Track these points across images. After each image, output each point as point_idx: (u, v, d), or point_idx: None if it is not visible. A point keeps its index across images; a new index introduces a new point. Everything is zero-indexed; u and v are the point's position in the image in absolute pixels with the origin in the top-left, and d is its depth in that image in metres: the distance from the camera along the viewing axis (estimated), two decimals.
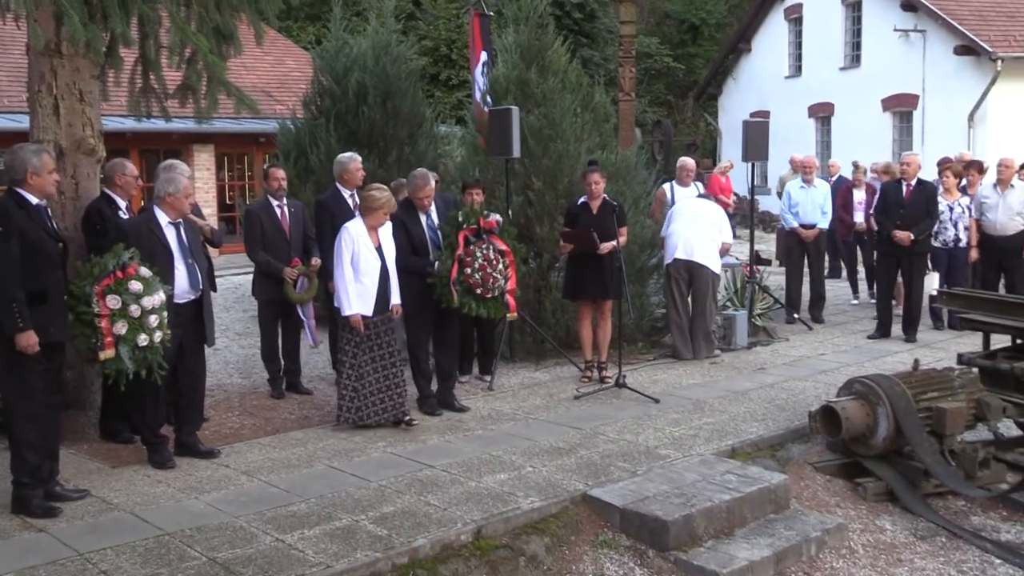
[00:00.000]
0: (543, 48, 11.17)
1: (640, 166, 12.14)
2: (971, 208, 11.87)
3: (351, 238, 7.41)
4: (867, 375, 7.51)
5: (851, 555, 6.27)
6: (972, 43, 20.66)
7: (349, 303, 7.39)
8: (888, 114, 23.57)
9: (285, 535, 5.61)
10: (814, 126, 26.23)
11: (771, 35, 28.40)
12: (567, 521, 6.11)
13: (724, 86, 30.72)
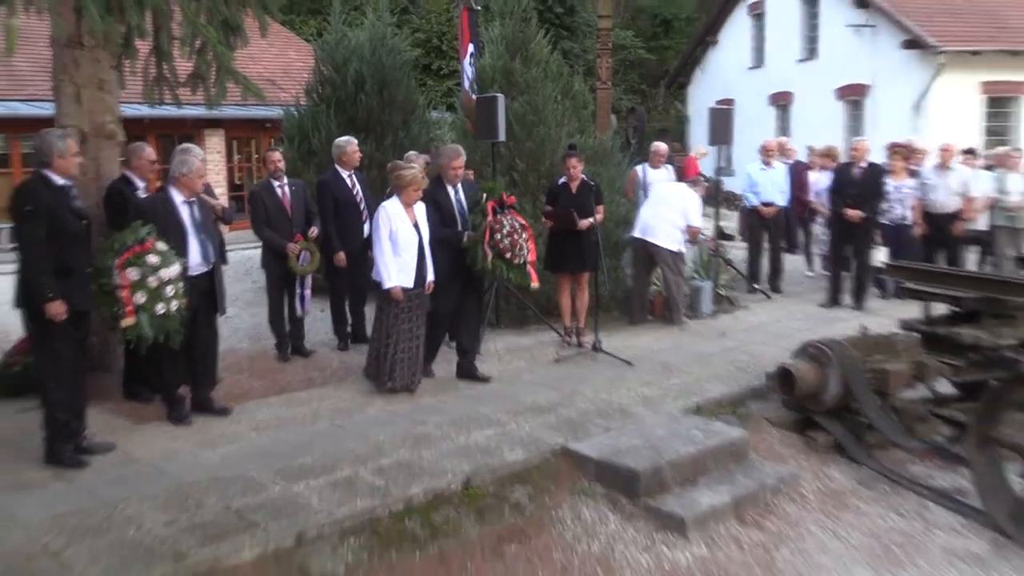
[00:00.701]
0: (526, 40, 11.19)
1: (615, 149, 12.18)
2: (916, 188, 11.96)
3: (388, 216, 7.28)
4: (819, 339, 7.56)
5: (803, 501, 6.36)
6: (918, 38, 20.64)
7: (389, 276, 7.27)
8: (841, 102, 23.55)
9: (292, 485, 5.67)
10: (774, 113, 26.18)
11: (735, 29, 28.31)
12: (548, 472, 6.17)
13: (693, 76, 30.61)
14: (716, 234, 12.27)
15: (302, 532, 5.10)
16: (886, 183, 11.63)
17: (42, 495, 5.53)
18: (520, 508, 5.81)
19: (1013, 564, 5.58)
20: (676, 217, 10.13)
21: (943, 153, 12.20)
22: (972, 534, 5.96)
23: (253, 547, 4.93)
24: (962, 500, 6.37)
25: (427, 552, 5.28)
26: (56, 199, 5.86)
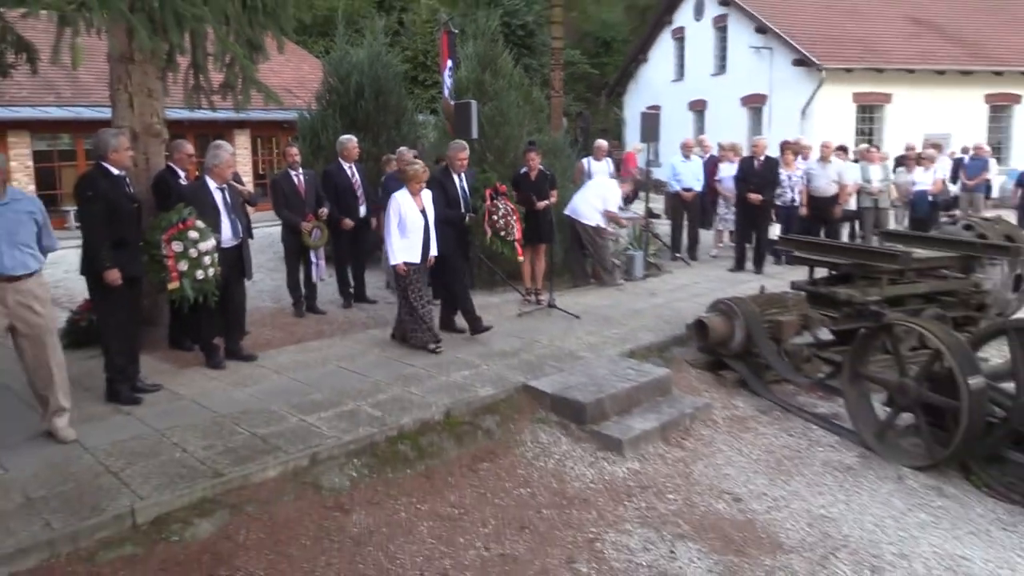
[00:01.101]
0: (495, 57, 11.05)
1: (566, 145, 12.10)
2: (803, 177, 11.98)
3: (398, 204, 7.02)
4: (727, 297, 7.58)
5: (714, 425, 6.39)
6: (805, 57, 20.62)
7: (394, 254, 7.04)
8: (745, 108, 23.53)
9: (307, 416, 5.61)
10: (692, 117, 26.12)
11: (662, 49, 28.14)
12: (512, 404, 6.15)
13: (628, 87, 30.45)
14: (646, 213, 12.22)
15: (315, 454, 5.05)
16: (780, 173, 11.64)
17: (104, 426, 5.44)
18: (490, 433, 5.79)
19: (876, 472, 5.65)
20: (597, 202, 10.00)
21: (823, 149, 12.21)
22: (845, 450, 6.03)
23: (276, 466, 4.88)
24: (838, 423, 6.43)
25: (416, 469, 5.26)
26: (112, 186, 5.74)
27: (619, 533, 4.71)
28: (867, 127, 21.73)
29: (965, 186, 14.97)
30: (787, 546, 4.65)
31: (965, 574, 4.40)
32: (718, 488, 5.35)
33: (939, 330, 5.79)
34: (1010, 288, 8.55)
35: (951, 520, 5.03)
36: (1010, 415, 5.34)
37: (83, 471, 4.75)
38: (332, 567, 4.19)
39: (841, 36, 21.70)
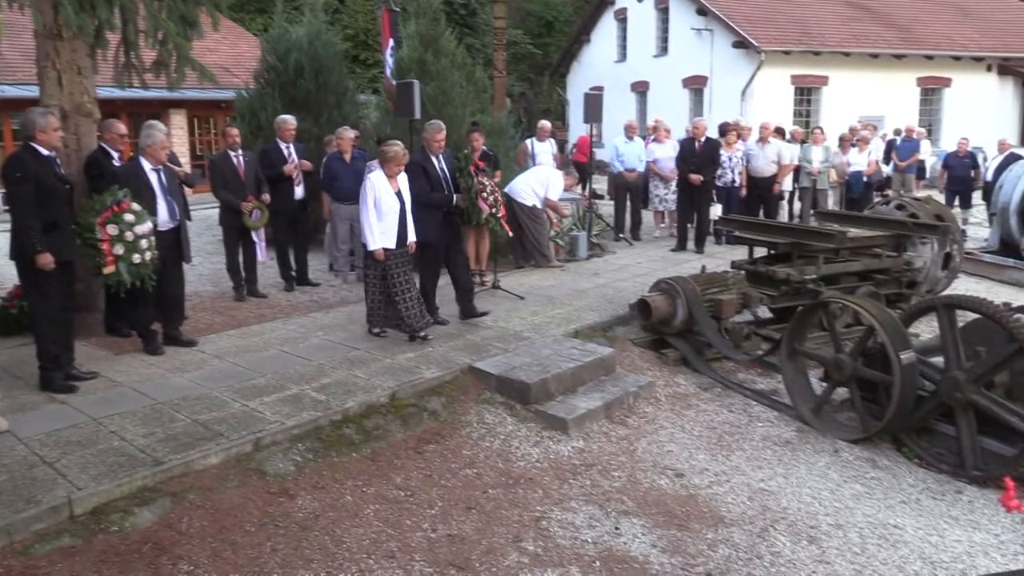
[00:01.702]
0: (437, 36, 10.97)
1: (509, 126, 12.05)
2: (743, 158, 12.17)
3: (372, 185, 6.66)
4: (669, 277, 7.67)
5: (657, 402, 6.49)
6: (744, 40, 20.90)
7: (373, 239, 6.67)
8: (686, 90, 23.76)
9: (249, 401, 5.54)
10: (635, 98, 26.28)
11: (604, 30, 28.20)
12: (458, 385, 6.16)
13: (570, 67, 30.46)
14: (590, 194, 12.30)
15: (259, 439, 4.99)
16: (720, 154, 11.80)
17: (38, 415, 5.28)
18: (436, 415, 5.79)
19: (813, 446, 5.81)
20: (537, 186, 9.95)
21: (762, 130, 12.42)
22: (783, 424, 6.18)
23: (218, 453, 4.81)
24: (776, 399, 6.59)
25: (362, 452, 5.24)
26: (42, 167, 5.57)
27: (564, 511, 4.77)
28: (805, 109, 22.15)
29: (897, 167, 15.38)
30: (728, 519, 4.76)
31: (897, 541, 4.57)
32: (661, 464, 5.44)
33: (872, 307, 5.96)
34: (940, 266, 8.84)
35: (884, 490, 5.20)
36: (939, 388, 5.53)
37: (16, 462, 4.61)
38: (277, 552, 4.16)
39: (779, 19, 22.05)
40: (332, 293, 9.03)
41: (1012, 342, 5.15)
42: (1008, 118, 23.31)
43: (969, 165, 14.39)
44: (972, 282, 10.60)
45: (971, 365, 5.41)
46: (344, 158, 9.20)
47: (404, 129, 9.99)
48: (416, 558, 4.20)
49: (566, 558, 4.27)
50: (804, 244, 7.81)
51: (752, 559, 4.34)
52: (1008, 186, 11.60)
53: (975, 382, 5.35)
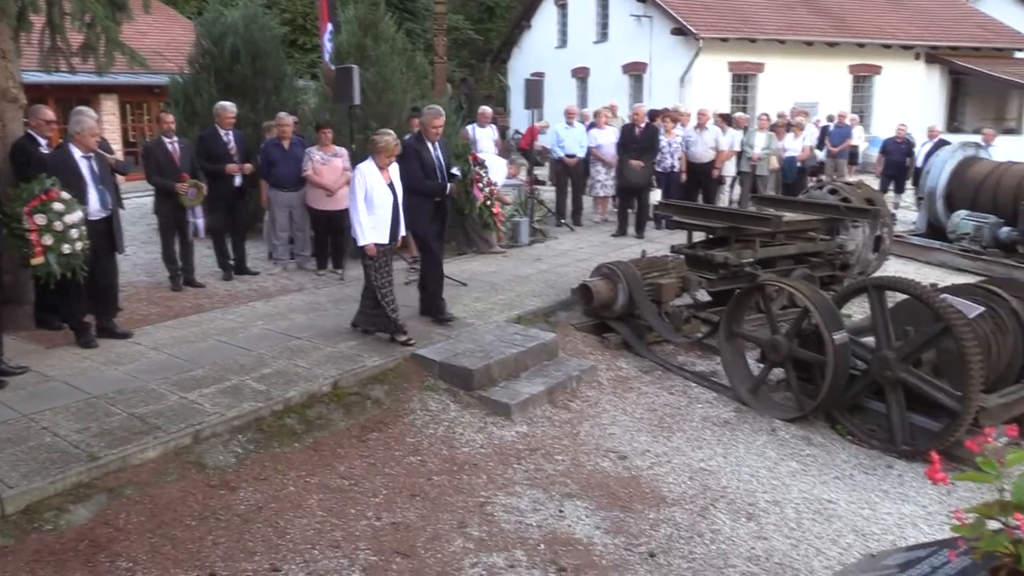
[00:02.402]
0: (376, 21, 10.84)
1: (451, 112, 11.98)
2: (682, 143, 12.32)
3: (363, 177, 6.32)
4: (610, 262, 7.75)
5: (599, 386, 6.56)
6: (682, 26, 21.11)
7: (363, 234, 6.33)
8: (626, 76, 23.91)
9: (187, 393, 5.44)
10: (575, 84, 26.36)
11: (545, 16, 28.18)
12: (401, 373, 6.14)
13: (511, 53, 30.39)
14: (531, 180, 12.32)
15: (198, 432, 4.91)
16: (660, 139, 11.93)
17: None
18: (379, 403, 5.76)
19: (751, 425, 5.95)
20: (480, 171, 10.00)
21: (700, 116, 12.59)
22: (722, 405, 6.31)
23: (156, 446, 4.72)
24: (715, 380, 6.72)
25: (304, 443, 5.19)
26: None
27: (509, 495, 4.80)
28: (742, 95, 22.49)
29: (830, 153, 15.74)
30: (670, 499, 4.84)
31: (831, 516, 4.71)
32: (604, 447, 5.51)
33: (807, 289, 6.11)
34: (871, 248, 9.10)
35: (818, 467, 5.36)
36: (870, 367, 5.71)
37: None
38: (219, 546, 4.10)
39: (717, 6, 22.30)
40: (272, 282, 8.90)
41: (938, 321, 5.33)
42: (935, 105, 24.03)
43: (905, 151, 14.81)
44: (901, 264, 10.95)
45: (900, 344, 5.59)
46: (283, 144, 9.04)
47: (344, 114, 9.89)
48: (361, 546, 4.19)
49: (511, 542, 4.30)
50: (741, 228, 7.96)
51: (693, 537, 4.43)
52: (935, 171, 11.98)
53: (904, 360, 5.54)
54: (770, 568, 4.16)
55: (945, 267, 10.89)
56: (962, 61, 23.84)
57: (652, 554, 4.24)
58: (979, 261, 10.64)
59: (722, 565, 4.17)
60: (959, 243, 11.12)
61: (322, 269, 9.27)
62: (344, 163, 9.03)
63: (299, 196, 9.08)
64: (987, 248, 10.83)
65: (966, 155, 12.08)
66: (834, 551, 4.34)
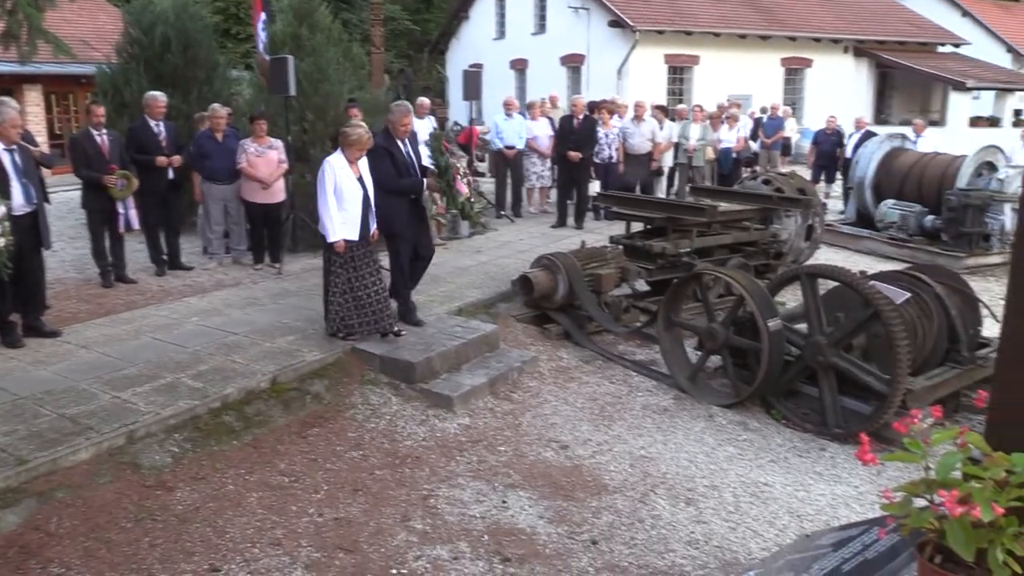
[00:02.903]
0: (311, 10, 10.68)
1: (388, 103, 11.89)
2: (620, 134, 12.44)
3: (332, 169, 6.04)
4: (550, 253, 7.78)
5: (541, 376, 6.60)
6: (619, 18, 21.31)
7: (333, 230, 6.04)
8: (564, 68, 24.04)
9: (120, 393, 5.30)
10: (514, 75, 26.40)
11: (483, 6, 28.12)
12: (341, 368, 6.08)
13: (450, 44, 30.29)
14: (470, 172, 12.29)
15: (132, 431, 4.79)
16: (598, 131, 12.02)
17: None
18: (319, 398, 5.70)
19: (689, 412, 6.05)
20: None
21: (638, 108, 12.72)
22: (662, 393, 6.40)
23: (88, 448, 4.59)
24: (654, 369, 6.81)
25: (243, 440, 5.11)
26: None
27: (452, 487, 4.80)
28: (678, 87, 22.83)
29: (764, 144, 16.09)
30: (611, 487, 4.91)
31: (767, 498, 4.83)
32: (546, 437, 5.55)
33: (742, 278, 6.24)
34: (803, 237, 9.33)
35: (755, 451, 5.48)
36: (803, 353, 5.86)
37: None
38: (156, 547, 4.01)
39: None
40: (207, 277, 8.71)
41: (867, 307, 5.50)
42: (863, 97, 24.74)
43: (835, 142, 15.21)
44: (832, 252, 11.25)
45: (831, 330, 5.75)
46: (216, 136, 8.85)
47: (279, 106, 9.72)
48: (303, 543, 4.14)
49: (455, 534, 4.31)
50: (678, 219, 8.08)
51: (634, 523, 4.49)
52: (863, 161, 12.33)
53: (835, 346, 5.70)
54: (709, 551, 4.25)
55: (874, 255, 11.23)
56: (889, 55, 24.59)
57: (594, 541, 4.30)
58: (905, 249, 11.00)
59: (663, 550, 4.24)
60: (886, 231, 11.48)
61: (259, 263, 9.12)
62: (280, 155, 8.89)
63: (234, 189, 8.90)
64: (913, 236, 11.20)
65: (893, 146, 12.46)
66: (771, 532, 4.45)
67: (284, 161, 8.95)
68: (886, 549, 2.69)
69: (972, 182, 10.96)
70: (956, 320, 5.98)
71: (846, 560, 2.72)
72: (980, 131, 22.46)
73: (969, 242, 10.54)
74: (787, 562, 3.07)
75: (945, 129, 21.98)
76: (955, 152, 12.15)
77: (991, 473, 2.10)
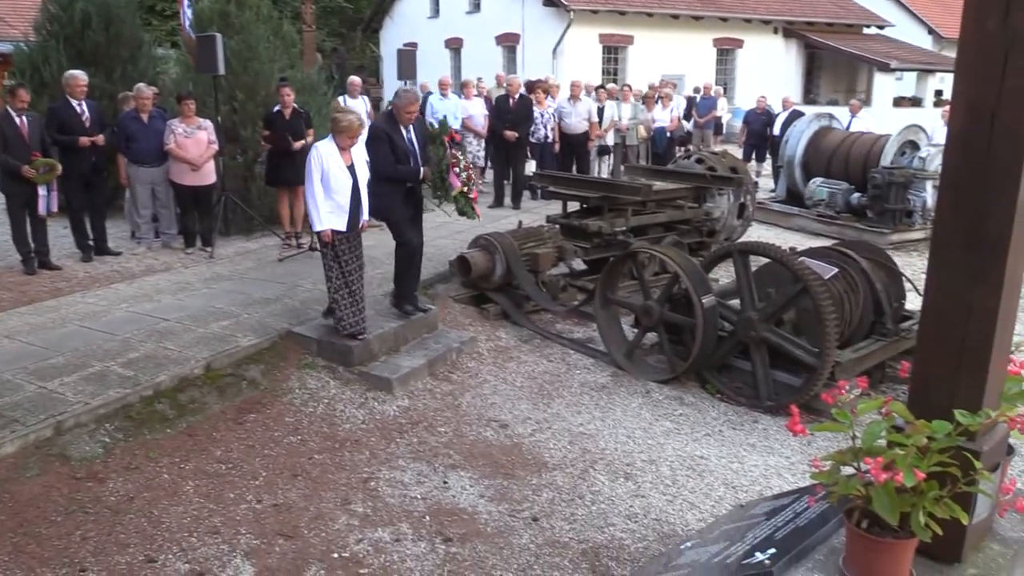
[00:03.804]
0: None
1: (321, 83, 11.70)
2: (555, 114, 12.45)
3: (319, 157, 5.77)
4: (487, 233, 7.78)
5: (480, 357, 6.61)
6: None
7: (320, 219, 5.79)
8: (500, 47, 23.92)
9: (47, 383, 5.13)
10: (449, 55, 26.17)
11: None
12: (277, 352, 6.00)
13: (384, 23, 29.83)
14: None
15: (60, 423, 4.65)
16: (533, 110, 12.01)
17: None
18: (256, 384, 5.62)
19: (627, 388, 6.14)
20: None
21: (573, 88, 12.75)
22: (599, 370, 6.48)
23: (14, 440, 4.45)
24: (592, 346, 6.89)
25: (177, 428, 5.01)
26: None
27: (392, 469, 4.79)
28: (612, 67, 22.93)
29: (697, 123, 16.29)
30: (551, 464, 4.96)
31: (703, 471, 4.94)
32: (486, 417, 5.57)
33: (677, 256, 6.33)
34: (735, 215, 9.51)
35: (691, 425, 5.60)
36: (736, 328, 5.99)
37: None
38: (89, 540, 3.91)
39: None
40: (136, 262, 8.47)
41: (797, 283, 5.64)
42: (793, 77, 25.22)
43: (765, 121, 15.48)
44: (763, 229, 11.49)
45: (763, 305, 5.89)
46: (141, 117, 8.57)
47: (207, 85, 9.47)
48: (242, 531, 4.09)
49: (396, 516, 4.30)
50: (614, 198, 8.14)
51: (574, 499, 4.55)
52: (793, 140, 12.60)
53: (767, 320, 5.84)
54: (648, 524, 4.33)
55: (803, 232, 11.51)
56: (817, 36, 25.11)
57: (535, 518, 4.34)
58: (833, 225, 11.31)
59: (603, 524, 4.31)
60: (815, 209, 11.77)
61: (190, 247, 8.90)
62: (209, 136, 8.66)
63: (161, 171, 8.65)
64: (840, 213, 11.51)
65: (820, 125, 12.76)
66: (707, 504, 4.56)
67: (214, 142, 8.73)
68: (816, 516, 2.78)
69: (896, 160, 11.29)
70: (881, 294, 6.18)
71: (778, 528, 2.81)
72: (903, 111, 23.12)
73: (893, 218, 10.88)
74: (722, 532, 3.15)
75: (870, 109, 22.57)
76: (880, 132, 12.51)
77: (913, 440, 2.18)
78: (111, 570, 3.72)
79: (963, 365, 2.37)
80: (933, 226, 2.52)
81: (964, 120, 2.32)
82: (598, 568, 3.93)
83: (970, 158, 2.31)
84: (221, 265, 8.27)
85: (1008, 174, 2.26)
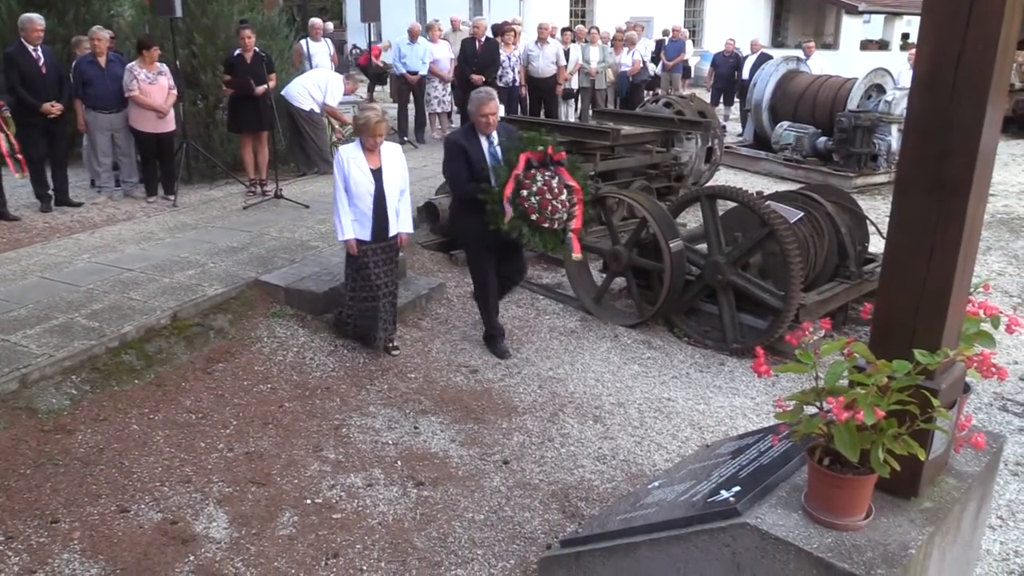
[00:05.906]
0: None
1: (283, 25, 11.41)
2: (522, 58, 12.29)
3: (341, 161, 5.25)
4: None
5: (449, 303, 6.61)
6: None
7: (342, 228, 5.28)
8: None
9: (9, 336, 5.05)
10: None
11: None
12: (244, 301, 5.94)
13: None
14: (370, 98, 11.98)
15: (25, 375, 4.59)
16: (500, 54, 11.85)
17: None
18: (223, 333, 5.57)
19: (595, 333, 6.20)
20: (314, 90, 9.55)
21: (541, 30, 12.56)
22: (568, 315, 6.52)
23: None
24: (561, 292, 6.92)
25: (145, 379, 4.97)
26: None
27: (363, 416, 4.81)
28: (580, 9, 22.62)
29: (665, 67, 16.19)
30: (521, 408, 5.01)
31: (670, 413, 5.03)
32: (456, 362, 5.59)
33: (645, 200, 6.34)
34: (703, 160, 9.52)
35: (658, 368, 5.68)
36: (704, 272, 6.05)
37: None
38: (60, 492, 3.90)
39: None
40: (97, 212, 8.30)
41: (764, 227, 5.68)
42: (761, 20, 25.09)
43: (733, 65, 15.43)
44: (731, 173, 11.54)
45: (730, 249, 5.94)
46: (99, 61, 8.31)
47: (165, 28, 9.20)
48: (214, 479, 4.10)
49: (368, 462, 4.34)
50: (582, 142, 8.10)
51: (544, 442, 4.62)
52: (760, 84, 12.58)
53: (733, 264, 5.90)
54: (616, 465, 4.41)
55: (770, 176, 11.57)
56: None
57: (506, 461, 4.40)
58: (800, 169, 11.38)
59: (572, 466, 4.39)
60: (782, 153, 11.83)
61: (152, 196, 8.73)
62: (168, 81, 8.44)
63: (121, 118, 8.43)
64: (807, 157, 11.58)
65: (788, 69, 12.74)
66: (674, 445, 4.65)
67: (174, 88, 8.52)
68: (779, 455, 2.84)
69: (862, 104, 11.34)
70: (846, 237, 6.26)
71: (743, 467, 2.87)
72: (870, 54, 23.17)
73: (858, 162, 10.97)
74: (689, 471, 3.22)
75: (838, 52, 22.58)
76: (846, 75, 12.52)
77: (874, 379, 2.23)
78: (83, 521, 3.73)
79: (924, 306, 2.42)
80: (897, 169, 2.54)
81: (929, 64, 2.32)
82: (568, 508, 4.02)
83: (935, 102, 2.32)
84: (185, 214, 8.14)
85: (971, 118, 2.27)
